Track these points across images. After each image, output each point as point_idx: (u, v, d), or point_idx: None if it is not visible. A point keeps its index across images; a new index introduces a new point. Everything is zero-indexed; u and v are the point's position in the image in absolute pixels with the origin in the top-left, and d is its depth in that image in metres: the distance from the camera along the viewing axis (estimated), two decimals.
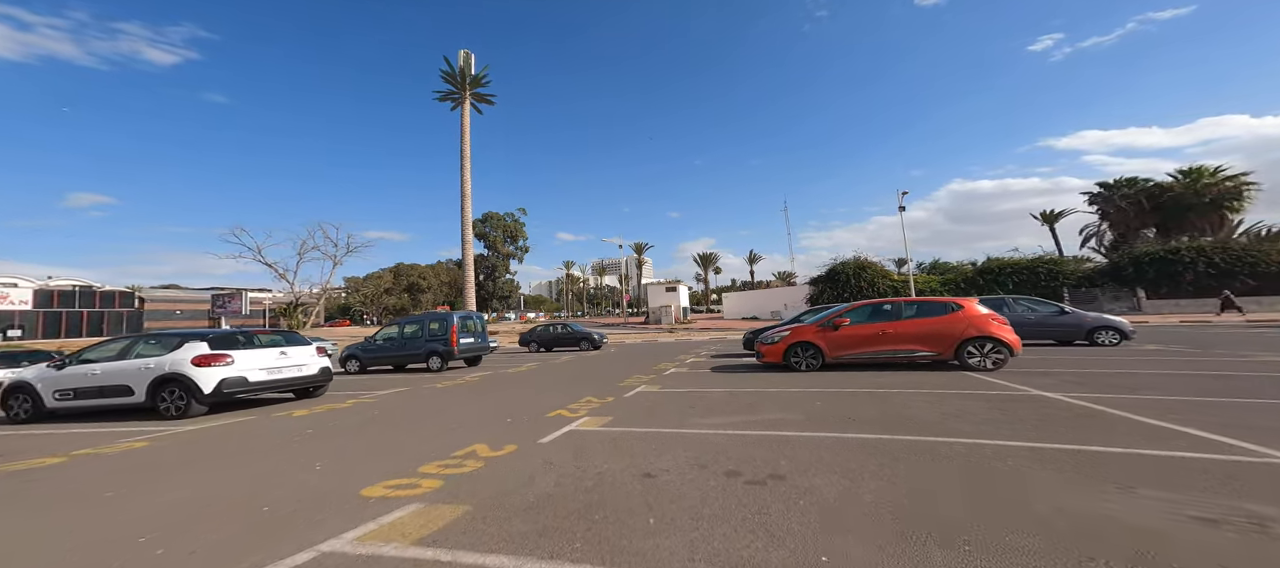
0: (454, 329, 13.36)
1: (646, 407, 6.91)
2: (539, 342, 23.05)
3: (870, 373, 8.85)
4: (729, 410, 6.29)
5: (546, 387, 9.64)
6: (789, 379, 8.71)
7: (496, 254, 75.57)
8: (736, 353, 15.50)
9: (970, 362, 8.39)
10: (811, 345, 9.46)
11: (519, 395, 8.59)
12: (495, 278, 76.11)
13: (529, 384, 10.19)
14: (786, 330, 9.95)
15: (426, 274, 77.82)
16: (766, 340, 10.14)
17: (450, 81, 50.48)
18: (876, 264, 45.69)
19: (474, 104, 52.06)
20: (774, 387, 8.05)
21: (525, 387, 9.81)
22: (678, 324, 44.13)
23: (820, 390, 7.43)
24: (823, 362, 9.42)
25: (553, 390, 9.01)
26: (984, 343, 8.39)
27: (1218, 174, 40.56)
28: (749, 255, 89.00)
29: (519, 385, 10.08)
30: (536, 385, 9.92)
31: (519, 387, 9.88)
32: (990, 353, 8.36)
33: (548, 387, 9.64)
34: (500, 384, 10.51)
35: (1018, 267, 40.40)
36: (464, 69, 50.26)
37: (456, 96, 50.61)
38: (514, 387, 9.94)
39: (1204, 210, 39.87)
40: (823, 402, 6.54)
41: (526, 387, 9.81)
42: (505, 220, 76.39)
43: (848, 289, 44.45)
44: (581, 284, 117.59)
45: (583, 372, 12.21)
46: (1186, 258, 33.72)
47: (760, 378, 9.15)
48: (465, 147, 48.65)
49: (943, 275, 46.07)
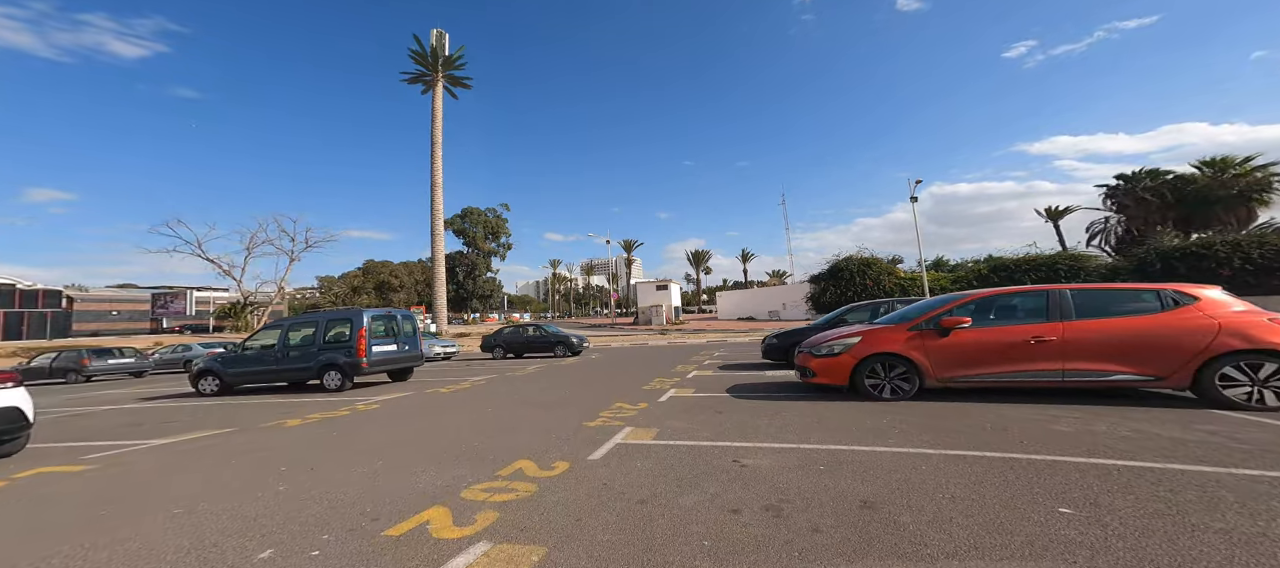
0: (362, 333, 9.50)
1: (636, 512, 3.27)
2: (506, 347, 19.26)
3: (1017, 407, 5.26)
4: (837, 526, 2.67)
5: (470, 431, 5.95)
6: (876, 420, 5.12)
7: (477, 251, 71.18)
8: (752, 362, 11.89)
9: (1229, 394, 4.78)
10: (901, 361, 5.85)
11: (410, 452, 4.88)
12: (475, 276, 71.70)
13: (446, 424, 6.49)
14: (854, 336, 6.31)
15: (398, 272, 73.04)
16: (818, 351, 6.52)
17: (421, 62, 46.33)
18: (882, 261, 42.65)
19: (447, 87, 48.00)
20: (876, 441, 4.46)
21: (437, 433, 6.10)
22: (669, 325, 40.49)
23: (977, 455, 3.83)
24: (920, 386, 5.81)
25: (476, 438, 5.31)
26: (1260, 359, 4.73)
27: (1246, 164, 38.05)
28: (742, 254, 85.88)
29: (432, 425, 6.35)
30: (457, 428, 6.21)
31: (429, 430, 6.16)
32: (1276, 378, 4.71)
33: (475, 429, 5.95)
34: (407, 416, 6.76)
35: (1036, 263, 37.66)
36: (436, 49, 46.18)
37: (428, 78, 46.46)
38: (424, 426, 6.21)
39: (1231, 203, 37.29)
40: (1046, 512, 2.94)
41: (440, 431, 6.10)
42: (486, 216, 72.09)
43: (852, 287, 41.35)
44: (569, 284, 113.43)
45: (542, 393, 8.51)
46: (1222, 253, 30.98)
47: (821, 414, 5.56)
48: (436, 132, 44.54)
49: (951, 273, 43.16)
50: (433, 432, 5.82)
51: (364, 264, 72.25)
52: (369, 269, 71.57)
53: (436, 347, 19.57)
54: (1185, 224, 39.36)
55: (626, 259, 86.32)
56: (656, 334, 32.11)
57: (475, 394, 8.80)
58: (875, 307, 10.58)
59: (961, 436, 4.41)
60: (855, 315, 10.35)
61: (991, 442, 4.19)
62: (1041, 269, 36.99)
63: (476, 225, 70.56)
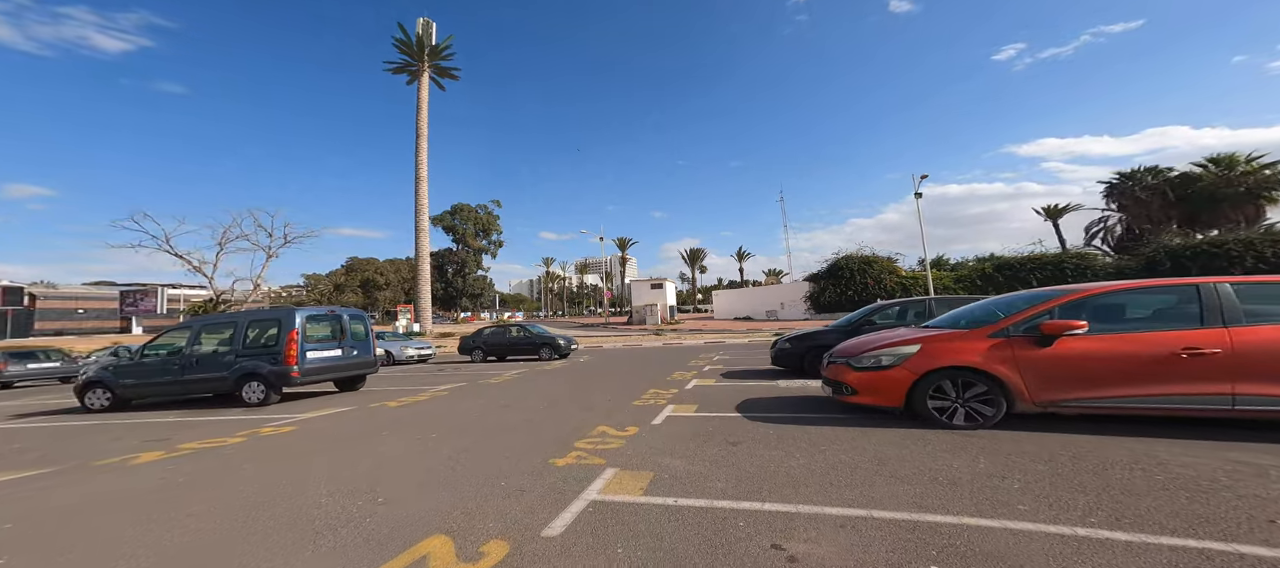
0: (294, 337, 7.86)
1: None
2: (487, 348, 17.62)
3: (1176, 445, 3.73)
4: None
5: (391, 474, 4.41)
6: (968, 463, 3.66)
7: (467, 248, 69.06)
8: (760, 369, 10.39)
9: None
10: (980, 377, 4.34)
11: (262, 523, 3.33)
12: (465, 274, 69.60)
13: (361, 464, 4.95)
14: (909, 343, 4.80)
15: (384, 269, 70.61)
16: (860, 362, 5.01)
17: (406, 51, 44.43)
18: (884, 259, 41.36)
19: (434, 78, 46.16)
20: (995, 507, 3.00)
21: (339, 479, 4.56)
22: (665, 325, 38.96)
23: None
24: (1007, 409, 4.30)
25: (389, 487, 3.77)
26: None
27: (1253, 162, 37.11)
28: (738, 252, 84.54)
29: (342, 464, 4.80)
30: (373, 469, 4.68)
31: (332, 473, 4.61)
32: None
33: (397, 473, 4.42)
34: (317, 449, 5.19)
35: (1042, 262, 36.59)
36: (423, 38, 44.31)
37: (414, 68, 44.60)
38: (331, 466, 4.66)
39: (1238, 201, 36.33)
40: None
41: (346, 475, 4.57)
42: (477, 212, 69.97)
43: (851, 286, 40.07)
44: (563, 283, 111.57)
45: (510, 408, 6.94)
46: (1234, 252, 29.96)
47: (879, 450, 4.10)
48: (422, 123, 42.73)
49: (953, 272, 41.97)
50: (335, 477, 4.24)
51: (347, 262, 69.65)
52: (352, 267, 69.09)
53: (410, 349, 17.90)
54: (1190, 223, 38.37)
55: (621, 257, 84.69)
56: (651, 335, 30.57)
57: (427, 411, 7.20)
58: (903, 307, 9.11)
59: (1139, 501, 2.87)
60: (884, 316, 8.86)
61: (1211, 517, 2.65)
62: (1048, 268, 35.89)
63: (467, 222, 68.46)
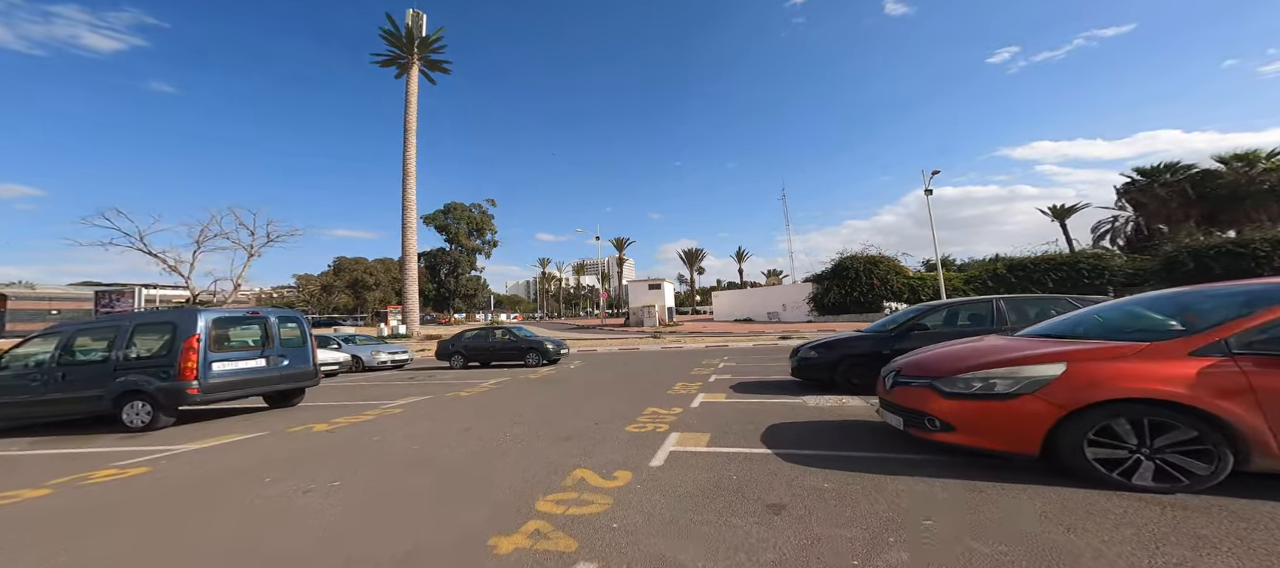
0: (193, 345, 6.16)
1: None
2: (468, 353, 15.94)
3: None
4: None
5: (260, 541, 2.66)
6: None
7: (460, 248, 67.17)
8: (777, 381, 8.77)
9: None
10: (1185, 416, 2.68)
11: None
12: (459, 274, 67.68)
13: (230, 518, 3.22)
14: (1040, 360, 3.15)
15: (373, 269, 68.52)
16: (955, 386, 3.37)
17: (395, 44, 42.65)
18: (891, 259, 39.81)
19: (424, 71, 44.42)
20: None
21: (184, 533, 2.79)
22: (663, 327, 37.29)
23: None
24: (1232, 466, 2.63)
25: None
26: None
27: (1275, 158, 35.65)
28: (737, 252, 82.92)
29: (195, 518, 3.11)
30: (240, 530, 2.95)
31: (172, 533, 2.88)
32: None
33: (268, 543, 2.67)
34: (179, 502, 3.53)
35: (1056, 263, 35.21)
36: (412, 29, 42.55)
37: (403, 60, 42.83)
38: (168, 527, 2.97)
39: (1262, 199, 34.85)
40: None
41: (190, 534, 2.80)
42: (471, 211, 68.09)
43: (857, 287, 38.50)
44: (560, 284, 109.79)
45: (465, 437, 5.30)
46: (1261, 251, 28.53)
47: (1037, 541, 2.43)
48: (410, 118, 41.06)
49: (961, 272, 40.43)
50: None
51: (335, 262, 67.48)
52: (340, 267, 67.00)
53: (382, 354, 16.18)
54: (1210, 221, 36.84)
55: (618, 258, 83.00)
56: (649, 337, 28.92)
57: (357, 439, 5.53)
58: (954, 310, 7.48)
59: None
60: (934, 317, 7.22)
61: None
62: (1063, 270, 34.45)
63: (459, 221, 66.59)
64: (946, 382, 3.46)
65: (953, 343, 4.57)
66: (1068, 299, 6.64)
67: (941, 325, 7.13)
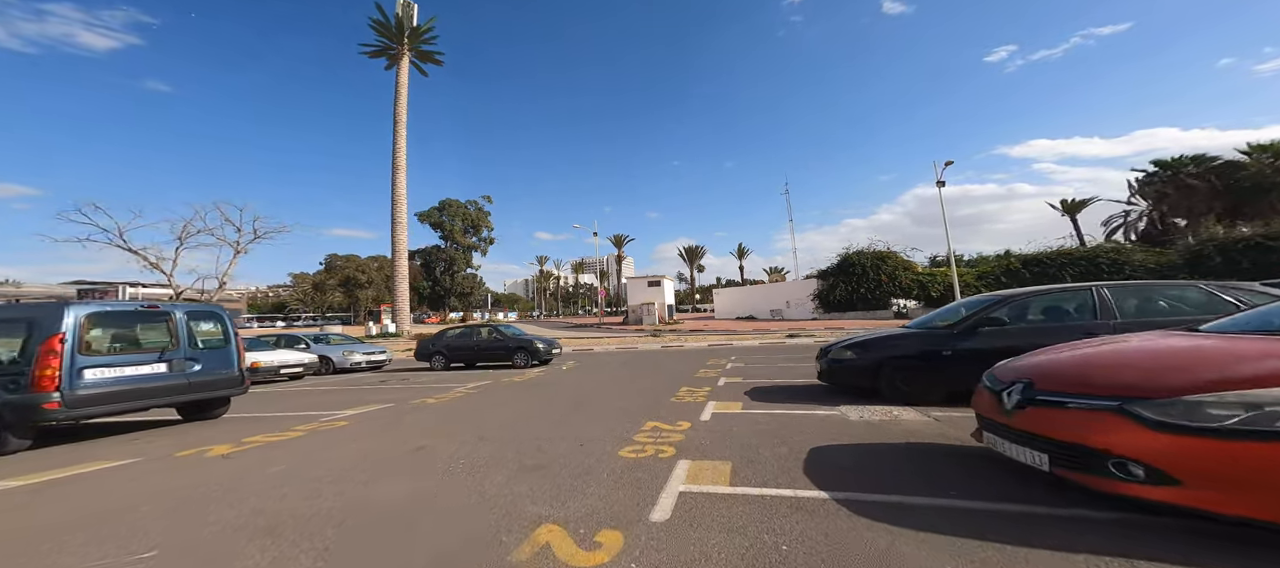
0: (54, 345, 4.78)
1: None
2: (450, 353, 14.54)
3: None
4: None
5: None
6: None
7: (455, 245, 65.61)
8: (796, 385, 7.41)
9: None
10: None
11: None
12: (454, 272, 66.12)
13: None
14: None
15: (366, 267, 66.84)
16: (1184, 418, 1.91)
17: (385, 33, 41.21)
18: (898, 255, 38.35)
19: (415, 63, 42.93)
20: None
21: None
22: (663, 325, 35.89)
23: None
24: None
25: None
26: None
27: None
28: (738, 249, 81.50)
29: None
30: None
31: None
32: None
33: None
34: None
35: (1074, 257, 33.82)
36: (403, 19, 41.02)
37: (393, 51, 41.37)
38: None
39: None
40: None
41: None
42: (466, 208, 66.51)
43: (865, 283, 37.02)
44: (558, 282, 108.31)
45: (420, 461, 3.91)
46: None
47: None
48: (400, 110, 39.64)
49: (973, 267, 39.04)
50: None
51: (326, 259, 65.73)
52: (332, 265, 65.32)
53: (356, 354, 14.77)
54: (1234, 214, 35.41)
55: (617, 256, 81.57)
56: (648, 336, 27.52)
57: (236, 479, 4.15)
58: (1026, 301, 6.03)
59: None
60: (1009, 310, 5.77)
61: None
62: (1081, 264, 32.98)
63: (455, 218, 65.02)
64: (1157, 406, 2.06)
65: (1102, 343, 3.16)
66: (1195, 286, 5.23)
67: (1023, 320, 5.69)
